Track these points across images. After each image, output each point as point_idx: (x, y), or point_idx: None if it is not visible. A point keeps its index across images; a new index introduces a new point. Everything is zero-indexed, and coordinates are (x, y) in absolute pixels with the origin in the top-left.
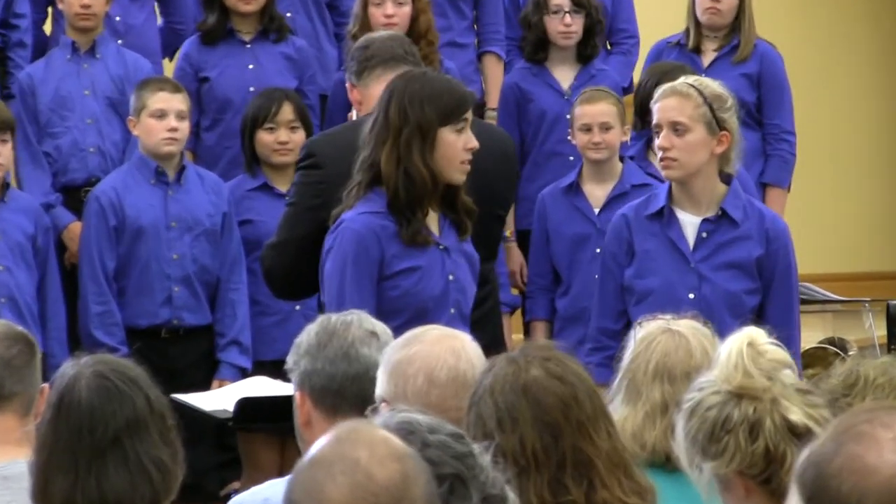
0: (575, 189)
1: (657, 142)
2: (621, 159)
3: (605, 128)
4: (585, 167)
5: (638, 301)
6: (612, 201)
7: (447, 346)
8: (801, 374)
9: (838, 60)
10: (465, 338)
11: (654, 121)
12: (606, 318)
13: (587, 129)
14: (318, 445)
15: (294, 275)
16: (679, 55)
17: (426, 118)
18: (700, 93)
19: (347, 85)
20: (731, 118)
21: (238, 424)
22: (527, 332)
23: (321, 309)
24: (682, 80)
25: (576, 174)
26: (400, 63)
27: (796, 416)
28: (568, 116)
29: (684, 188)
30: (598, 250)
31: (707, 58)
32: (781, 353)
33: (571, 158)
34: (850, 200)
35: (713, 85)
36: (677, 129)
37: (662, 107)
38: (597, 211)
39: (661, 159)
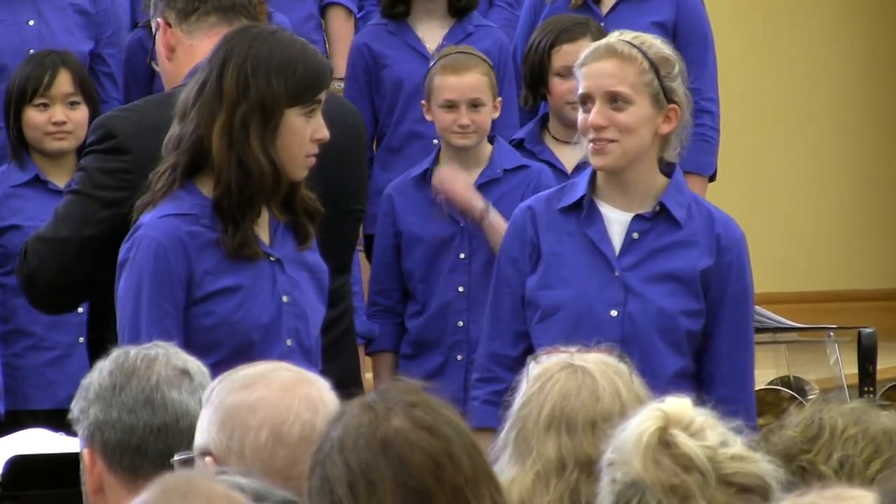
0: (430, 179)
1: (585, 117)
2: (490, 140)
3: (475, 105)
4: (445, 151)
5: (543, 318)
6: (480, 190)
7: (302, 396)
8: (755, 425)
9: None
10: (323, 385)
11: (582, 90)
12: (500, 342)
13: (451, 106)
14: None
15: (66, 282)
16: (567, 3)
17: (272, 93)
18: (644, 54)
19: (158, 22)
20: (681, 88)
21: (8, 491)
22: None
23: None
24: (616, 36)
25: (431, 160)
26: (240, 17)
27: None
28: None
29: (614, 177)
30: (462, 256)
31: (607, 3)
32: (694, 450)
33: (435, 142)
34: (810, 198)
35: (658, 43)
36: (616, 101)
37: (594, 71)
38: None
39: (593, 141)
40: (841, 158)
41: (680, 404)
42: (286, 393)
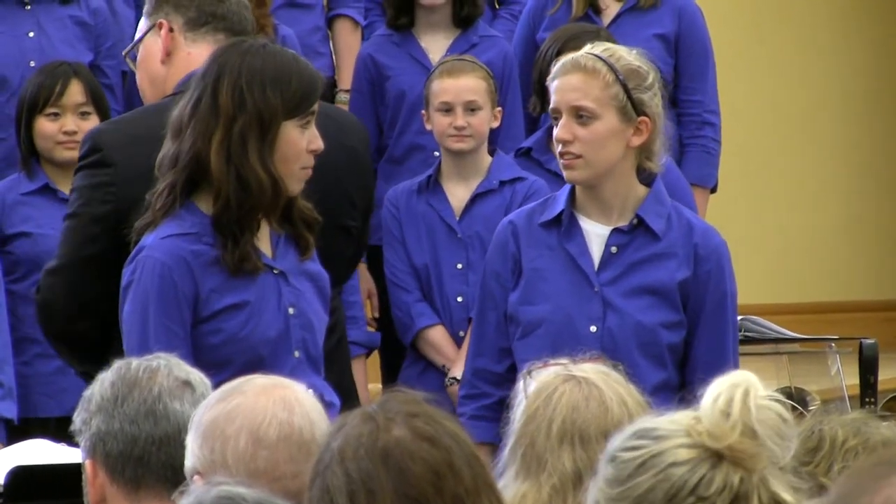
0: (433, 187)
1: (555, 132)
2: (491, 153)
3: (471, 108)
4: (445, 161)
5: (524, 334)
6: (476, 200)
7: (276, 397)
8: None
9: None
10: (298, 387)
11: (552, 105)
12: (485, 358)
13: (447, 109)
14: None
15: (76, 306)
16: (567, 13)
17: (269, 106)
18: (611, 67)
19: (162, 22)
20: (653, 99)
21: (10, 502)
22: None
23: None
24: (586, 50)
25: (434, 169)
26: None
27: (788, 498)
28: None
29: (591, 191)
30: (459, 266)
31: (608, 14)
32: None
33: (436, 154)
34: (810, 209)
35: (628, 56)
36: (581, 115)
37: (561, 86)
38: (457, 216)
39: (561, 155)
40: (841, 169)
41: (751, 376)
42: (259, 397)
